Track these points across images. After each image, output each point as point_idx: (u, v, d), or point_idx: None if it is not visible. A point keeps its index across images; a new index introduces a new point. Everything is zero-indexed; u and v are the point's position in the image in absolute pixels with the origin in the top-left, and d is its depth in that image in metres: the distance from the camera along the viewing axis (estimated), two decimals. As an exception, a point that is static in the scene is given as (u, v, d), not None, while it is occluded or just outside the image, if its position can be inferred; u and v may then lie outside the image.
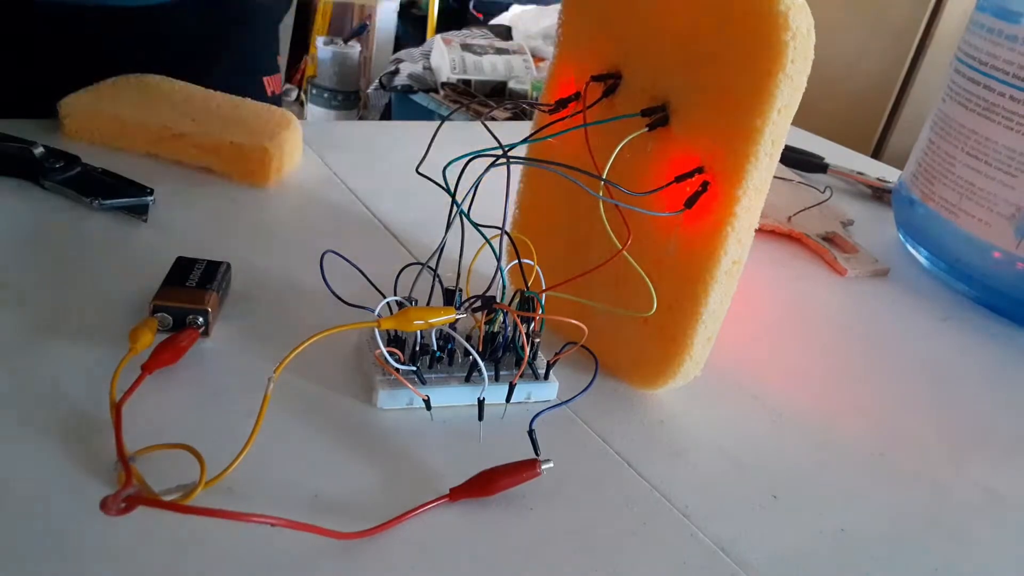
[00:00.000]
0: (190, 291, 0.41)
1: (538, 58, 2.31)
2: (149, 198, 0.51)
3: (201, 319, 0.40)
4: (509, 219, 0.45)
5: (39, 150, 0.52)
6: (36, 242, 0.46)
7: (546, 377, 0.40)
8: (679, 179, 0.37)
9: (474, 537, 0.32)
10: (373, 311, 0.35)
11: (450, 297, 0.38)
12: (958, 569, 0.35)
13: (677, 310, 0.38)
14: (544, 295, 0.39)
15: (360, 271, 0.39)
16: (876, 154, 2.04)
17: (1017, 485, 0.42)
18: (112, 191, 0.51)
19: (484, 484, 0.33)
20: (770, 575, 0.33)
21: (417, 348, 0.39)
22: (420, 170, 0.37)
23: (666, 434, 0.40)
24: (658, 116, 0.38)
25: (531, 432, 0.35)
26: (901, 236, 0.69)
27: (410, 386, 0.37)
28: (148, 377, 0.36)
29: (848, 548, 0.35)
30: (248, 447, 0.31)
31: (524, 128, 0.45)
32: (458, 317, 0.36)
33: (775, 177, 0.38)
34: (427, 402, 0.37)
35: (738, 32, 0.34)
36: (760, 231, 0.38)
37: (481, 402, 0.37)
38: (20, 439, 0.32)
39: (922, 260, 0.66)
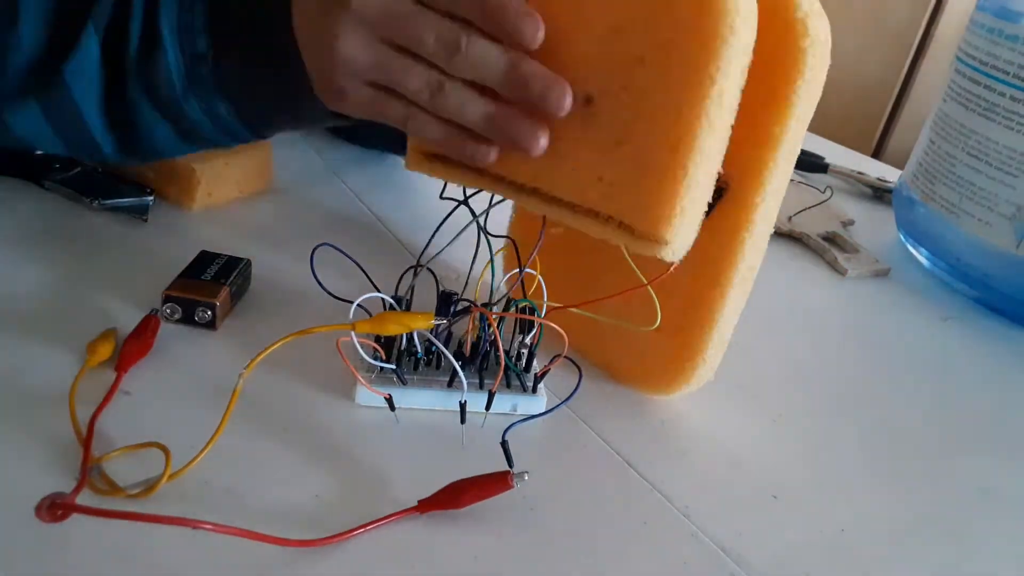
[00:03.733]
0: (204, 284, 0.41)
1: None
2: (149, 198, 0.51)
3: (209, 312, 0.40)
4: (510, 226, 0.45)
5: (39, 150, 0.52)
6: (37, 242, 0.46)
7: (534, 390, 0.39)
8: None
9: (475, 536, 0.32)
10: (365, 309, 0.36)
11: (445, 300, 0.38)
12: (958, 569, 0.35)
13: (692, 316, 0.38)
14: (544, 298, 0.39)
15: (358, 265, 0.39)
16: (876, 154, 2.04)
17: (1017, 485, 0.41)
18: (112, 191, 0.51)
19: (453, 496, 0.32)
20: (770, 575, 0.33)
21: (402, 349, 0.39)
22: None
23: (667, 434, 0.40)
24: None
25: (504, 443, 0.34)
26: (902, 236, 0.69)
27: (366, 384, 0.36)
28: (143, 373, 0.36)
29: (848, 548, 0.35)
30: (212, 442, 0.32)
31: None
32: (436, 323, 0.36)
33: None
34: (389, 401, 0.36)
35: (758, 39, 0.33)
36: (761, 231, 0.38)
37: (463, 405, 0.36)
38: (11, 441, 0.32)
39: (923, 260, 0.66)
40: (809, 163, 0.84)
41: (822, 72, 0.33)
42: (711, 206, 0.36)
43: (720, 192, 0.36)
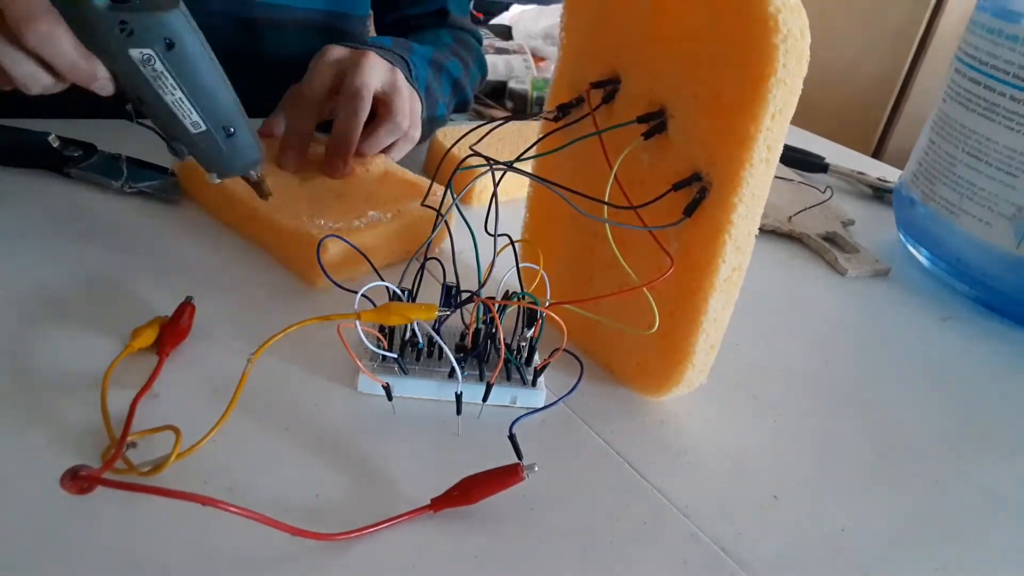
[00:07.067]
0: None
1: (538, 58, 2.30)
2: (174, 179, 0.52)
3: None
4: (502, 224, 0.45)
5: (55, 140, 0.53)
6: (68, 232, 0.47)
7: (534, 384, 0.40)
8: (677, 187, 0.36)
9: (475, 536, 0.32)
10: (370, 299, 0.36)
11: (448, 293, 0.38)
12: (958, 569, 0.35)
13: (678, 319, 0.38)
14: (547, 294, 0.39)
15: (364, 255, 0.39)
16: (877, 154, 2.04)
17: (1017, 485, 0.42)
18: (137, 175, 0.52)
19: (465, 493, 0.32)
20: (770, 575, 0.33)
21: (404, 340, 0.39)
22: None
23: (667, 434, 0.40)
24: (654, 123, 0.37)
25: (512, 436, 0.34)
26: (902, 236, 0.69)
27: (366, 371, 0.37)
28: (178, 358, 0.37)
29: (848, 548, 0.35)
30: (219, 425, 0.32)
31: (522, 127, 0.45)
32: (438, 314, 0.36)
33: (776, 177, 0.37)
34: (387, 390, 0.37)
35: (729, 36, 0.33)
36: (761, 231, 0.37)
37: (459, 396, 0.37)
38: (44, 423, 0.33)
39: (922, 260, 0.66)
40: (809, 163, 0.84)
41: (799, 67, 0.32)
42: (693, 207, 0.36)
43: (704, 192, 0.35)
